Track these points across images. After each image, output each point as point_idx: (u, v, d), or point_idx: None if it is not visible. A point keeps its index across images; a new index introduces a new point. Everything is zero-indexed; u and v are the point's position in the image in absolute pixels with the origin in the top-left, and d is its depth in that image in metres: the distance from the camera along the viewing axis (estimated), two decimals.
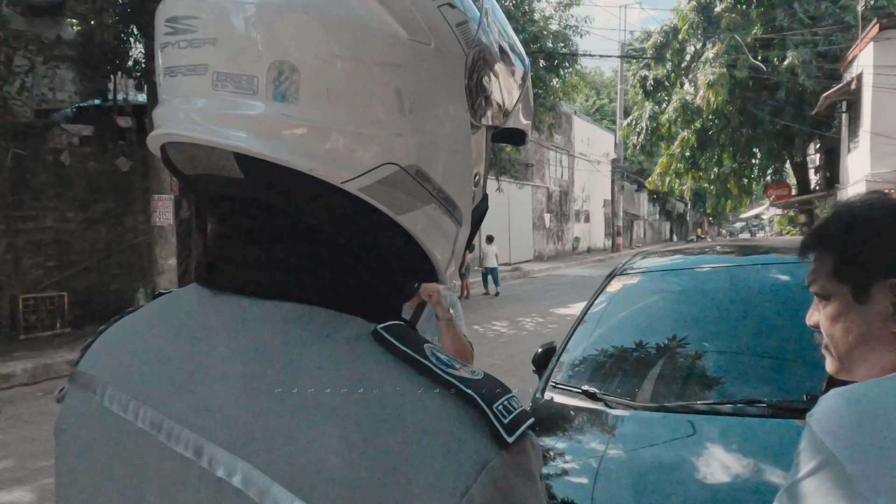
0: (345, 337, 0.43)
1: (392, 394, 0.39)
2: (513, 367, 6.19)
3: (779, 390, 1.86)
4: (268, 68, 0.41)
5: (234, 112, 0.42)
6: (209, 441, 0.40)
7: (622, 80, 25.37)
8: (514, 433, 0.39)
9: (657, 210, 43.72)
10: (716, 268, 2.55)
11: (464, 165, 0.50)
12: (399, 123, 0.44)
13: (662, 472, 1.63)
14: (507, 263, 20.62)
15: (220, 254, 0.49)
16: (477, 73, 0.48)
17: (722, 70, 13.56)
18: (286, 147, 0.42)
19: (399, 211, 0.46)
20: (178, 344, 0.47)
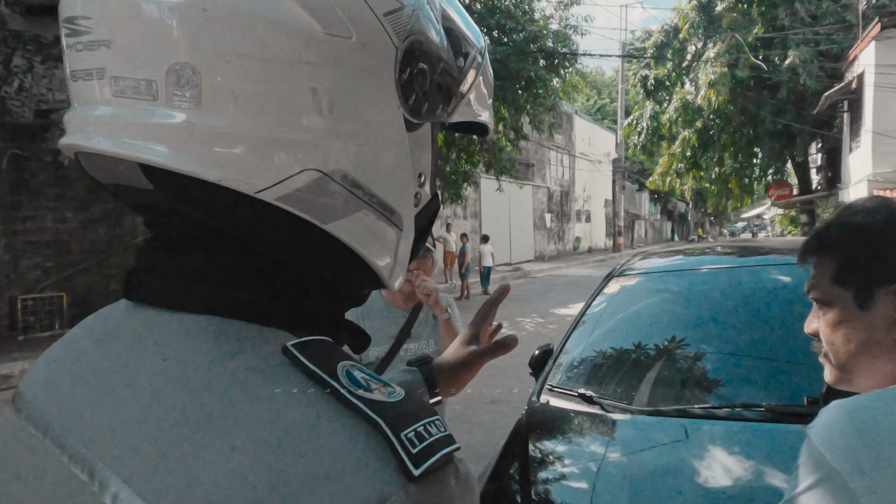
0: (259, 354, 0.40)
1: (294, 420, 0.36)
2: (511, 369, 6.15)
3: (778, 394, 1.83)
4: (167, 71, 0.38)
5: (133, 120, 0.39)
6: (102, 463, 0.37)
7: (623, 79, 25.34)
8: (423, 464, 0.36)
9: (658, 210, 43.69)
10: (715, 269, 2.52)
11: (399, 167, 0.46)
12: (317, 126, 0.41)
13: (659, 477, 1.60)
14: (508, 263, 20.60)
15: (141, 264, 0.47)
16: (412, 67, 0.45)
17: (723, 69, 13.53)
18: (191, 156, 0.39)
19: (326, 219, 0.42)
20: (92, 359, 0.44)
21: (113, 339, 0.44)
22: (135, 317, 0.45)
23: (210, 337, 0.41)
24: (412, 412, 0.39)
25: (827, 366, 0.85)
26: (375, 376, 0.42)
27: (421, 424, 0.38)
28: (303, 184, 0.41)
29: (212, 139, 0.39)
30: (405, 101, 0.45)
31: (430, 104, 0.47)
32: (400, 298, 2.08)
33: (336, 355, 0.41)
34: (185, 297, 0.43)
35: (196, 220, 0.44)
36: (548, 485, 1.72)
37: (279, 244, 0.44)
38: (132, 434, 0.37)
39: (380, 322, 2.04)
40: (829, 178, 16.90)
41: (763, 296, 2.22)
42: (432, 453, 0.37)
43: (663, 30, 16.54)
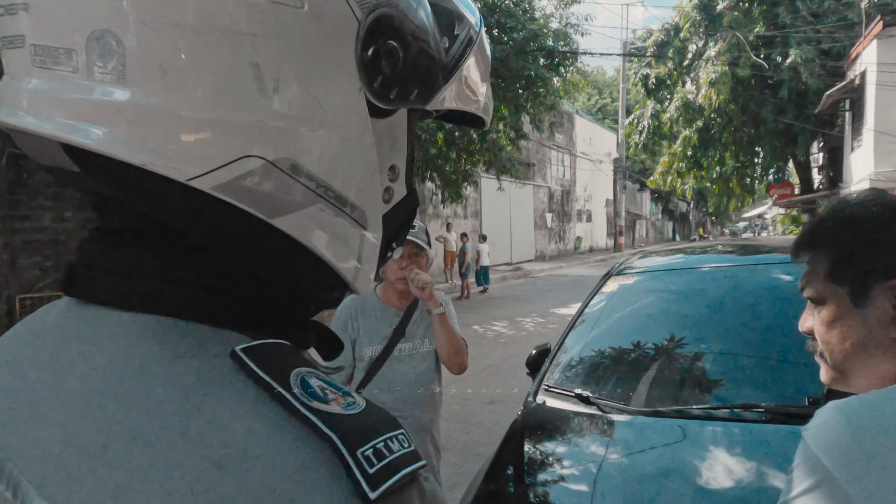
0: (204, 358, 0.36)
1: (237, 434, 0.33)
2: (511, 368, 6.13)
3: (778, 395, 1.80)
4: (87, 40, 0.34)
5: (53, 94, 0.35)
6: (26, 480, 0.33)
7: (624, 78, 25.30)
8: (381, 486, 0.32)
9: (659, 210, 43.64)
10: (714, 268, 2.49)
11: (360, 157, 0.41)
12: (260, 107, 0.36)
13: (657, 479, 1.57)
14: (509, 263, 20.58)
15: (81, 257, 0.42)
16: (378, 44, 0.39)
17: (724, 68, 13.49)
18: (115, 137, 0.34)
19: (273, 213, 0.38)
20: (24, 363, 0.40)
21: (47, 341, 0.40)
22: (73, 315, 0.40)
23: (152, 338, 0.37)
24: (371, 426, 0.35)
25: (823, 365, 0.82)
26: (335, 385, 0.38)
27: (381, 440, 0.34)
28: (243, 172, 0.36)
29: (137, 118, 0.34)
30: (369, 83, 0.39)
31: (401, 88, 0.41)
32: (394, 297, 2.05)
33: (291, 361, 0.37)
34: (127, 293, 0.39)
35: (132, 208, 0.40)
36: (544, 486, 1.69)
37: (224, 239, 0.40)
38: (60, 451, 0.34)
39: (374, 321, 2.02)
40: (830, 177, 16.86)
41: (763, 294, 2.19)
42: (392, 473, 0.33)
43: (664, 28, 16.50)
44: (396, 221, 0.46)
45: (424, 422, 2.01)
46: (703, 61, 14.47)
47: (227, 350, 0.37)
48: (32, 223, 8.46)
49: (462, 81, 0.46)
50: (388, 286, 2.05)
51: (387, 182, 0.45)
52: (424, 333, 2.05)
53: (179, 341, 0.37)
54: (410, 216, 0.49)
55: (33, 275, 8.44)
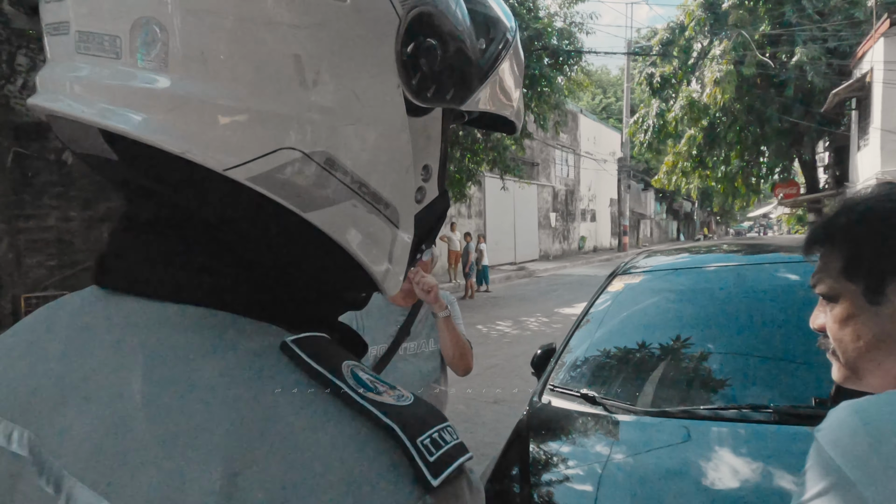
0: (250, 349, 0.36)
1: (293, 423, 0.32)
2: (515, 368, 6.12)
3: (786, 395, 1.79)
4: (131, 27, 0.34)
5: (95, 80, 0.35)
6: (69, 474, 0.33)
7: (628, 78, 25.24)
8: (441, 474, 0.33)
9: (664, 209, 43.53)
10: (720, 267, 2.47)
11: (396, 154, 0.40)
12: (300, 99, 0.35)
13: (663, 480, 1.55)
14: (513, 263, 20.55)
15: (114, 248, 0.42)
16: (417, 41, 0.39)
17: (729, 67, 13.44)
18: (154, 124, 0.34)
19: (307, 207, 0.37)
20: (52, 355, 0.39)
21: (80, 333, 0.39)
22: (107, 306, 0.40)
23: (196, 328, 0.37)
24: (424, 418, 0.35)
25: (835, 363, 0.80)
26: (381, 378, 0.38)
27: (435, 431, 0.35)
28: (280, 164, 0.35)
29: (178, 106, 0.34)
30: (407, 80, 0.39)
31: (438, 87, 0.41)
32: (399, 296, 2.04)
33: (339, 353, 0.37)
34: (166, 283, 0.39)
35: (168, 198, 0.39)
36: (549, 486, 1.68)
37: (257, 232, 0.39)
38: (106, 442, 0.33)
39: (378, 320, 2.01)
40: (836, 176, 16.78)
41: (770, 294, 2.17)
42: (450, 462, 0.34)
43: (669, 27, 16.45)
44: (427, 222, 0.46)
45: None
46: (708, 60, 14.42)
47: (272, 341, 0.36)
48: (37, 222, 8.49)
49: (497, 84, 0.46)
50: None
51: (420, 182, 0.44)
52: (429, 333, 2.04)
53: (225, 332, 0.37)
54: (441, 217, 0.48)
55: (38, 274, 8.47)
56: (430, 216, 0.46)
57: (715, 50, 14.15)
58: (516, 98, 0.50)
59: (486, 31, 0.45)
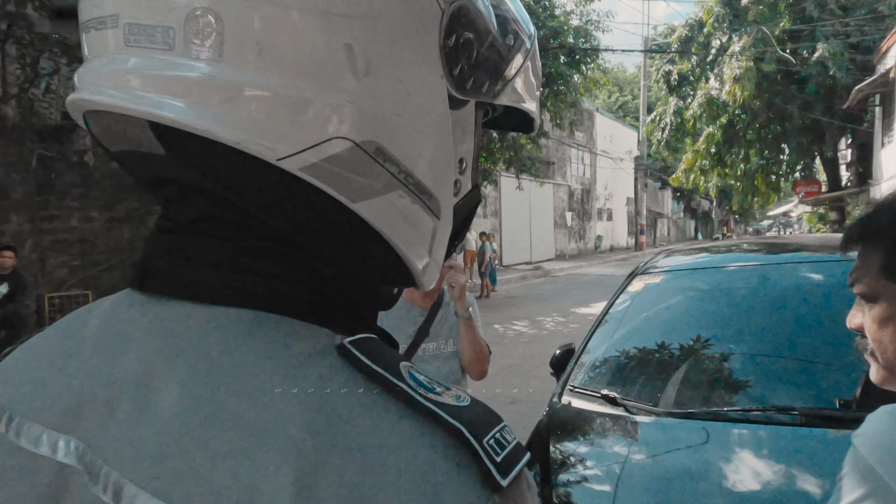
0: (304, 352, 0.35)
1: (359, 424, 0.32)
2: (532, 368, 6.09)
3: (810, 397, 1.75)
4: (185, 18, 0.34)
5: (146, 72, 0.35)
6: (130, 482, 0.32)
7: (645, 75, 25.00)
8: (509, 473, 0.33)
9: (682, 208, 43.07)
10: (741, 266, 2.43)
11: (440, 145, 0.40)
12: (351, 88, 0.35)
13: (684, 481, 1.53)
14: (529, 262, 20.48)
15: (154, 250, 0.41)
16: (458, 33, 0.39)
17: (749, 64, 13.24)
18: (209, 114, 0.34)
19: (356, 197, 0.37)
20: (96, 361, 0.38)
21: (123, 338, 0.38)
22: (149, 311, 0.39)
23: (248, 332, 0.36)
24: (485, 419, 0.35)
25: (873, 364, 0.78)
26: (435, 379, 0.38)
27: (497, 431, 0.35)
28: (332, 153, 0.35)
29: (232, 96, 0.34)
30: (449, 71, 0.39)
31: (475, 79, 0.41)
32: (418, 296, 2.04)
33: (394, 355, 0.37)
34: (214, 286, 0.38)
35: (215, 196, 0.38)
36: (569, 487, 1.67)
37: (299, 225, 0.38)
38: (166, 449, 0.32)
39: (398, 320, 2.01)
40: (859, 173, 16.45)
41: (792, 293, 2.13)
42: (515, 462, 0.34)
43: (687, 24, 16.26)
44: (463, 214, 0.46)
45: None
46: (727, 57, 14.22)
47: (326, 343, 0.36)
48: (60, 223, 8.64)
49: (524, 81, 0.47)
50: None
51: (456, 174, 0.44)
52: (448, 333, 2.04)
53: (278, 335, 0.36)
54: (473, 210, 0.48)
55: (61, 273, 8.62)
56: (465, 209, 0.46)
57: (734, 46, 13.96)
58: (537, 97, 0.50)
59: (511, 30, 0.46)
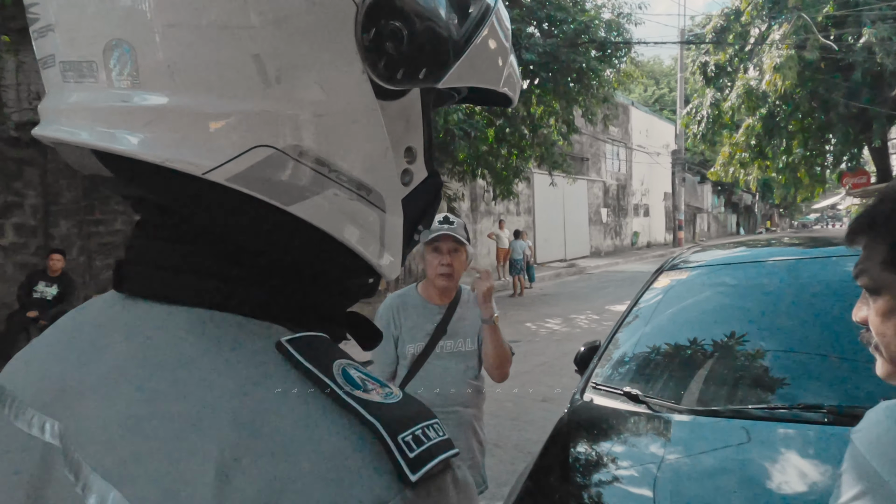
0: (250, 349, 0.38)
1: (283, 419, 0.34)
2: (564, 366, 6.02)
3: (842, 394, 1.70)
4: (103, 50, 0.37)
5: (80, 104, 0.38)
6: (87, 464, 0.36)
7: (682, 67, 24.44)
8: (420, 469, 0.34)
9: (722, 202, 41.92)
10: (773, 261, 2.36)
11: (371, 140, 0.41)
12: (264, 97, 0.37)
13: (707, 479, 1.51)
14: (563, 260, 20.28)
15: (129, 254, 0.45)
16: (380, 26, 0.39)
17: (790, 52, 12.79)
18: (134, 138, 0.36)
19: (289, 200, 0.39)
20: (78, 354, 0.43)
21: (101, 334, 0.43)
22: (124, 310, 0.43)
23: (198, 330, 0.39)
24: (409, 415, 0.36)
25: (878, 358, 0.76)
26: (373, 376, 0.39)
27: (419, 427, 0.36)
28: (255, 162, 0.37)
29: (153, 118, 0.36)
30: (372, 64, 0.40)
31: (408, 68, 0.41)
32: (435, 294, 2.05)
33: (332, 353, 0.39)
34: (173, 288, 0.41)
35: (166, 207, 0.42)
36: (589, 485, 1.66)
37: (250, 231, 0.41)
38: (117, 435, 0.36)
39: (416, 318, 2.03)
40: None
41: (826, 289, 2.06)
42: (430, 458, 0.35)
43: (724, 13, 15.82)
44: (419, 204, 0.47)
45: (467, 417, 2.01)
46: (766, 46, 13.77)
47: (270, 342, 0.38)
48: (106, 227, 8.98)
49: (477, 57, 0.45)
50: (429, 283, 2.06)
51: (404, 164, 0.45)
52: (468, 332, 2.04)
53: (227, 333, 0.39)
54: (434, 198, 0.49)
55: (107, 275, 8.96)
56: (422, 198, 0.47)
57: (774, 35, 13.51)
58: (504, 69, 0.48)
59: (464, 4, 0.45)
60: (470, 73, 0.45)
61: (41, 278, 6.53)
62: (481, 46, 0.45)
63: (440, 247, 1.97)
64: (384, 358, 2.03)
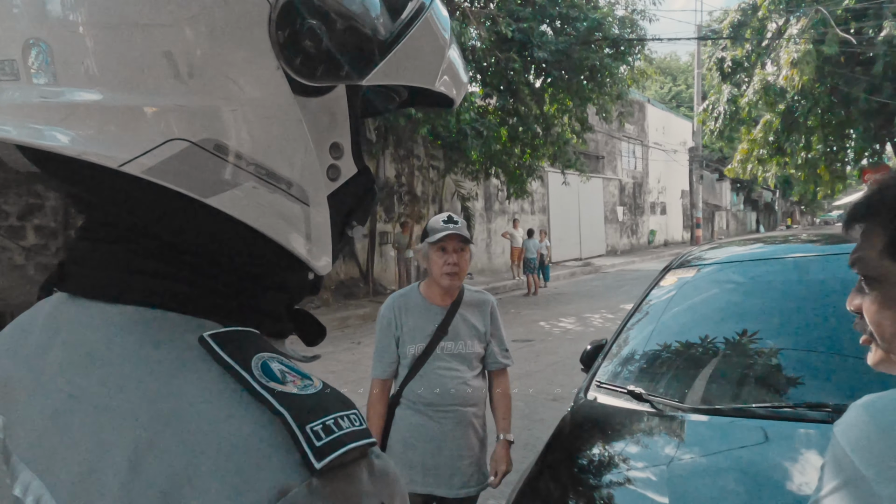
0: (174, 345, 0.40)
1: (197, 410, 0.36)
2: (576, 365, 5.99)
3: (848, 393, 1.67)
4: (22, 49, 0.38)
5: (4, 102, 0.39)
6: (15, 454, 0.39)
7: (699, 64, 24.16)
8: (326, 457, 0.34)
9: (741, 200, 41.36)
10: (785, 259, 2.33)
11: (289, 134, 0.42)
12: (177, 92, 0.38)
13: (709, 477, 1.50)
14: (578, 258, 20.17)
15: (69, 255, 0.47)
16: (295, 24, 0.40)
17: (808, 46, 12.57)
18: (51, 133, 0.38)
19: (207, 192, 0.39)
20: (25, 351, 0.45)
21: (46, 332, 0.45)
22: (66, 309, 0.45)
23: (130, 327, 0.41)
24: (323, 405, 0.37)
25: (873, 348, 0.75)
26: (296, 369, 0.40)
27: (331, 417, 0.36)
28: (170, 155, 0.38)
29: (69, 113, 0.37)
30: (288, 62, 0.40)
31: (328, 65, 0.41)
32: (438, 295, 2.06)
33: (254, 347, 0.40)
34: (106, 286, 0.43)
35: (92, 204, 0.44)
36: (590, 483, 1.65)
37: (172, 224, 0.42)
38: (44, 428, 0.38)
39: (418, 319, 2.03)
40: None
41: (827, 287, 2.03)
42: (339, 446, 0.35)
43: (741, 8, 15.60)
44: (349, 199, 0.47)
45: (467, 415, 2.01)
46: (784, 40, 13.56)
47: (191, 336, 0.40)
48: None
49: (406, 56, 0.45)
50: (432, 283, 2.06)
51: (330, 160, 0.45)
52: (468, 334, 2.04)
53: (154, 329, 0.41)
54: (367, 193, 0.49)
55: None
56: (352, 193, 0.47)
57: (792, 29, 13.28)
58: (438, 68, 0.48)
59: (397, 2, 0.46)
60: (399, 71, 0.45)
61: None
62: (411, 45, 0.45)
63: (446, 246, 1.98)
64: (385, 357, 2.04)
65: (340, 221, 0.47)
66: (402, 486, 0.40)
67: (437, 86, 0.49)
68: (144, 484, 0.33)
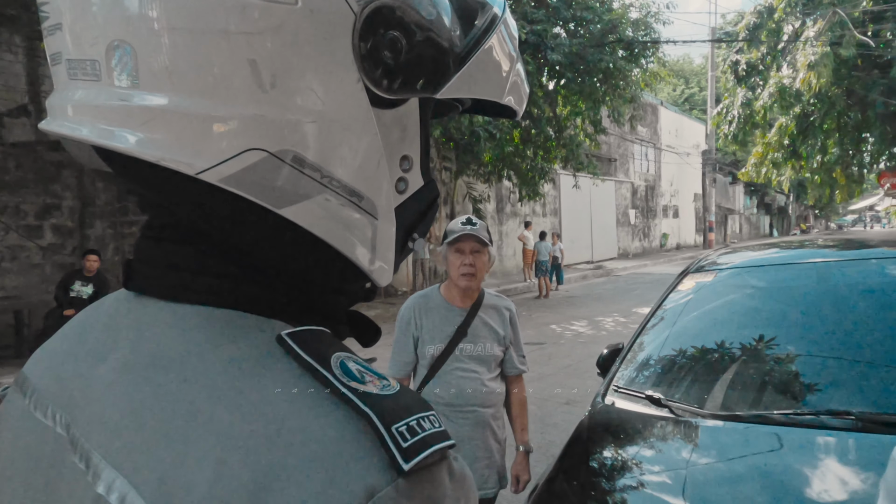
0: (252, 343, 0.39)
1: (284, 411, 0.35)
2: (588, 369, 5.96)
3: (871, 401, 1.65)
4: (105, 50, 0.38)
5: (82, 101, 0.39)
6: (96, 453, 0.38)
7: (713, 66, 23.97)
8: (413, 459, 0.34)
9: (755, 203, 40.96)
10: (802, 264, 2.31)
11: (365, 147, 0.42)
12: (258, 101, 0.37)
13: (729, 486, 1.48)
14: (590, 262, 20.07)
15: (136, 253, 0.47)
16: (378, 35, 0.40)
17: (825, 49, 12.44)
18: (131, 136, 0.38)
19: (280, 203, 0.39)
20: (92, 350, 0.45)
21: (111, 330, 0.45)
22: (132, 307, 0.45)
23: (202, 327, 0.41)
24: (405, 406, 0.37)
25: None
26: (371, 369, 0.40)
27: (414, 418, 0.36)
28: (248, 164, 0.38)
29: (150, 118, 0.37)
30: (369, 74, 0.40)
31: (405, 78, 0.41)
32: (458, 296, 2.06)
33: (331, 346, 0.40)
34: (176, 286, 0.43)
35: (165, 206, 0.44)
36: (608, 489, 1.64)
37: (244, 231, 0.42)
38: (124, 425, 0.38)
39: (437, 320, 2.04)
40: None
41: (850, 292, 2.01)
42: (424, 448, 0.35)
43: (756, 10, 15.46)
44: (414, 212, 0.47)
45: (485, 416, 2.01)
46: (800, 43, 13.43)
47: (271, 336, 0.40)
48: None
49: (478, 69, 0.45)
50: (451, 285, 2.06)
51: (399, 173, 0.45)
52: (487, 336, 2.04)
53: (229, 327, 0.41)
54: (430, 206, 0.49)
55: None
56: (417, 206, 0.47)
57: (808, 32, 13.15)
58: (507, 81, 0.48)
59: (467, 14, 0.45)
60: (471, 84, 0.45)
61: (77, 278, 6.74)
62: (484, 58, 0.45)
63: (462, 247, 1.99)
64: (402, 357, 2.05)
65: (403, 234, 0.47)
66: (475, 490, 0.40)
67: (505, 99, 0.49)
68: (232, 480, 0.33)
